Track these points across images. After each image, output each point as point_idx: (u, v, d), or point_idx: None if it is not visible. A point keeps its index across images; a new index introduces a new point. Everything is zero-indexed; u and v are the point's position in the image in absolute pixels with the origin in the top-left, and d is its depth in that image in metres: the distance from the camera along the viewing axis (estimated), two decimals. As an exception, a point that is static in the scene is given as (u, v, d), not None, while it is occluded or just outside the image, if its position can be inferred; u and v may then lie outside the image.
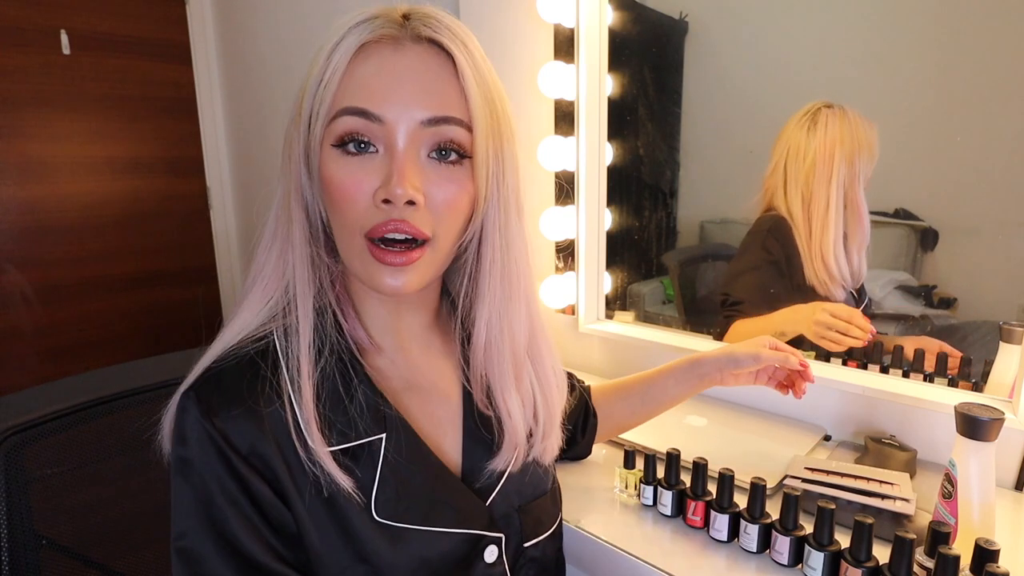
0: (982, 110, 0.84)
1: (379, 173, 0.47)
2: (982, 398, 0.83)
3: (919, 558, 0.58)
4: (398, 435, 0.52)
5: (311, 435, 0.48)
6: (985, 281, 0.87)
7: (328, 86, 0.47)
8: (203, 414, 0.47)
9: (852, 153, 0.95)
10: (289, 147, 0.52)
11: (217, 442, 0.47)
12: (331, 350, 0.52)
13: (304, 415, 0.48)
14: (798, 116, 0.99)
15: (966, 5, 0.85)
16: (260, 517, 0.48)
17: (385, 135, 0.47)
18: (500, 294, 0.55)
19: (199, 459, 0.47)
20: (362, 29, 0.48)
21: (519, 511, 0.58)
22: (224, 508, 0.47)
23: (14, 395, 0.74)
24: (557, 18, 1.16)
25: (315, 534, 0.49)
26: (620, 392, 0.83)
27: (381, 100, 0.47)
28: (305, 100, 0.49)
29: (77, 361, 2.12)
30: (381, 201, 0.47)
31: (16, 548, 0.67)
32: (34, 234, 1.99)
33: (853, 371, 0.95)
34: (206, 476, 0.47)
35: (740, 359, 0.77)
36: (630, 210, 1.24)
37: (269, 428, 0.48)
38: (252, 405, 0.48)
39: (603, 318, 1.28)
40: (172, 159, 2.27)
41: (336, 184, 0.48)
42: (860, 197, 0.95)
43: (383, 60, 0.48)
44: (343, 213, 0.48)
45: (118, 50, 2.09)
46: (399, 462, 0.52)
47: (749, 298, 1.08)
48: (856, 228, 0.97)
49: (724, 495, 0.69)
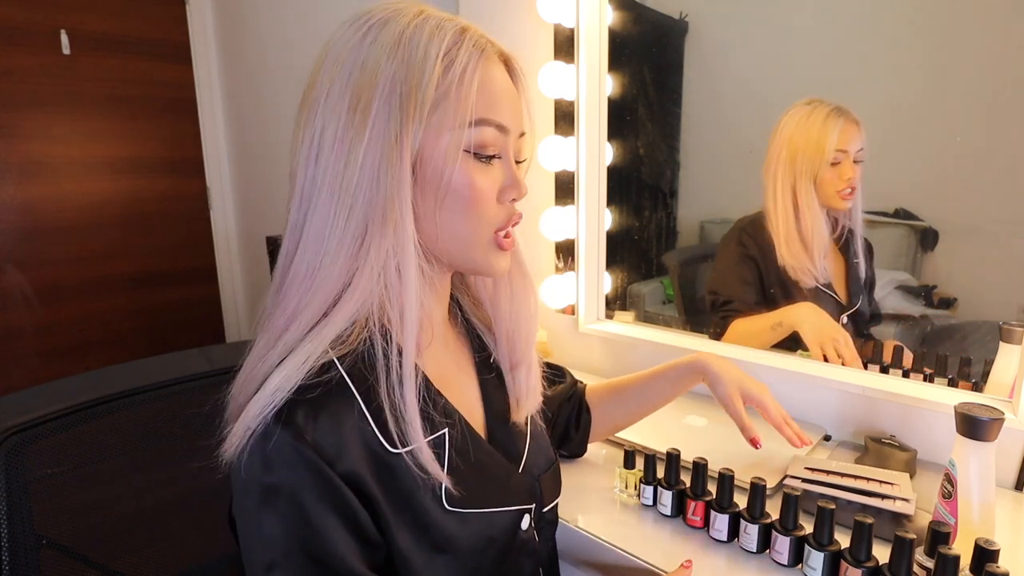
0: (982, 110, 0.84)
1: (501, 177, 0.54)
2: (982, 398, 0.83)
3: (919, 558, 0.58)
4: (457, 426, 0.55)
5: (414, 434, 0.49)
6: (985, 281, 0.87)
7: (465, 93, 0.49)
8: (294, 436, 0.45)
9: (795, 150, 0.97)
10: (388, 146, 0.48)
11: (312, 460, 0.45)
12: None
13: (409, 415, 0.49)
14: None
15: (966, 5, 0.85)
16: (355, 535, 0.47)
17: (504, 144, 0.54)
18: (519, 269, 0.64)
19: (291, 483, 0.45)
20: (470, 39, 0.51)
21: (539, 480, 0.63)
22: (320, 529, 0.46)
23: (14, 395, 0.74)
24: (557, 18, 1.16)
25: (400, 537, 0.50)
26: (615, 392, 0.84)
27: (506, 113, 0.53)
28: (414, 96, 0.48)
29: (77, 361, 2.12)
30: (510, 200, 0.54)
31: (16, 548, 0.67)
32: (34, 234, 1.99)
33: (853, 371, 0.95)
34: (300, 500, 0.45)
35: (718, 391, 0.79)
36: (630, 210, 1.24)
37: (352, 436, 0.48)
38: (337, 415, 0.47)
39: (603, 318, 1.28)
40: (172, 159, 2.27)
41: (477, 187, 0.52)
42: (801, 196, 0.98)
43: (498, 73, 0.53)
44: (479, 212, 0.53)
45: (118, 50, 2.09)
46: (460, 450, 0.54)
47: (736, 295, 1.08)
48: (801, 223, 0.99)
49: (724, 495, 0.69)
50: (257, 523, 0.46)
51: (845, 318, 1.00)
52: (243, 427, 0.46)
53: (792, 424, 0.80)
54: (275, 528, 0.46)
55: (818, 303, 1.00)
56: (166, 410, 0.80)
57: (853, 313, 1.00)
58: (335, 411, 0.47)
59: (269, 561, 0.46)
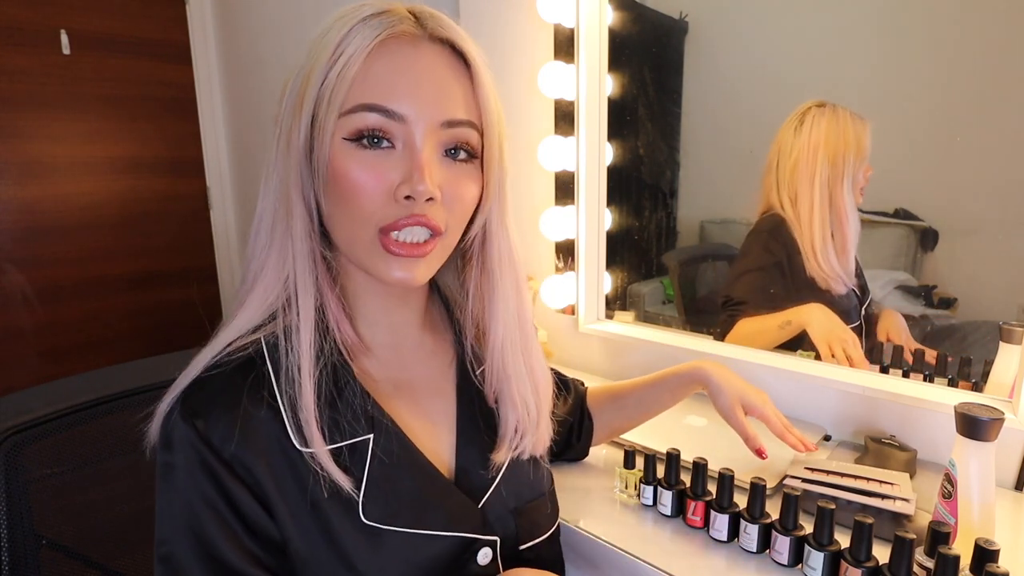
0: (982, 110, 0.84)
1: (398, 169, 0.48)
2: (982, 398, 0.83)
3: (919, 558, 0.58)
4: (387, 436, 0.52)
5: (311, 434, 0.47)
6: (985, 281, 0.87)
7: (343, 78, 0.47)
8: (186, 418, 0.47)
9: (836, 152, 0.95)
10: (287, 137, 0.50)
11: (199, 447, 0.46)
12: (329, 349, 0.51)
13: (304, 415, 0.48)
14: (791, 116, 1.00)
15: (965, 5, 0.85)
16: (240, 524, 0.47)
17: (404, 133, 0.48)
18: (511, 285, 0.57)
19: (181, 464, 0.47)
20: (378, 23, 0.47)
21: (515, 513, 0.57)
22: (204, 514, 0.46)
23: (14, 395, 0.74)
24: (557, 18, 1.16)
25: (300, 541, 0.48)
26: (614, 399, 0.84)
27: (404, 99, 0.47)
28: (309, 89, 0.48)
29: (77, 361, 2.12)
30: (403, 197, 0.47)
31: (16, 548, 0.67)
32: (34, 234, 1.99)
33: (853, 371, 0.95)
34: (188, 482, 0.46)
35: (720, 403, 0.78)
36: (630, 210, 1.24)
37: (254, 429, 0.48)
38: (238, 409, 0.47)
39: (603, 318, 1.28)
40: (172, 159, 2.27)
41: (351, 178, 0.47)
42: (844, 198, 0.96)
43: (403, 57, 0.48)
44: (356, 206, 0.48)
45: (118, 50, 2.09)
46: (387, 464, 0.51)
47: (751, 299, 1.08)
48: (839, 228, 0.97)
49: (724, 495, 0.69)
50: (158, 496, 0.48)
51: (863, 310, 0.99)
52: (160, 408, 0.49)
53: (794, 431, 0.80)
54: (167, 504, 0.47)
55: (843, 304, 0.99)
56: (166, 410, 0.80)
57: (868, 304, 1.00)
58: (236, 396, 0.48)
59: (161, 537, 0.47)
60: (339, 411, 0.50)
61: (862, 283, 0.99)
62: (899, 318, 0.94)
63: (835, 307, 0.99)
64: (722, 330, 1.11)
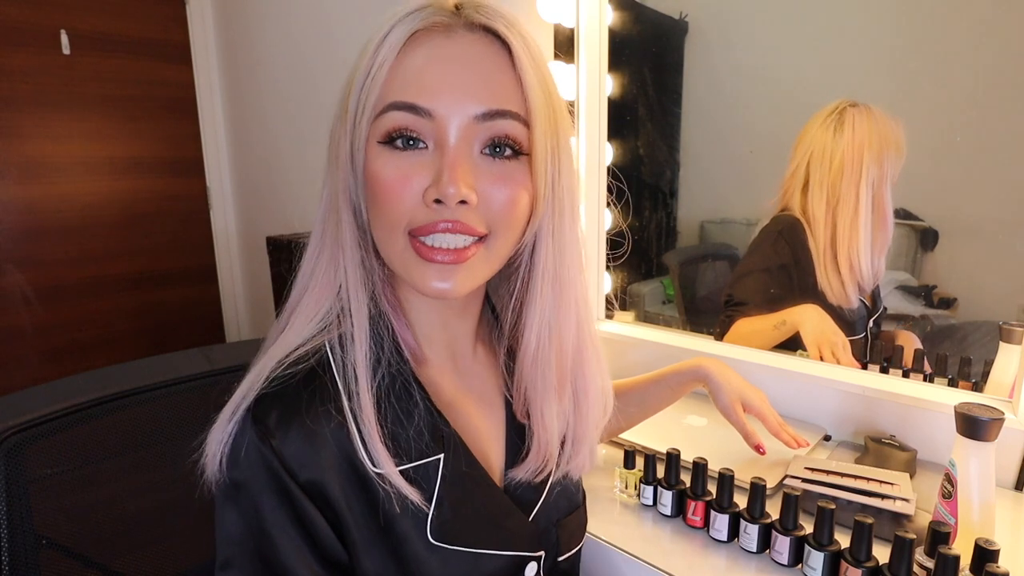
0: (982, 110, 0.84)
1: (429, 170, 0.44)
2: (982, 398, 0.83)
3: (919, 558, 0.58)
4: (456, 454, 0.50)
5: (376, 452, 0.45)
6: (985, 281, 0.87)
7: (375, 79, 0.44)
8: (260, 436, 0.44)
9: (881, 153, 0.92)
10: (336, 147, 0.48)
11: (273, 466, 0.44)
12: (389, 362, 0.48)
13: (367, 429, 0.45)
14: (822, 116, 0.96)
15: (965, 5, 0.85)
16: (311, 549, 0.45)
17: (435, 131, 0.44)
18: (551, 302, 0.51)
19: (253, 484, 0.44)
20: (412, 19, 0.45)
21: (556, 526, 0.57)
22: (273, 536, 0.44)
23: (14, 395, 0.74)
24: (557, 18, 1.16)
25: (370, 562, 0.47)
26: (616, 396, 0.82)
27: (431, 93, 0.43)
28: (352, 96, 0.46)
29: (77, 361, 2.12)
30: (432, 201, 0.43)
31: (16, 548, 0.67)
32: (34, 234, 1.99)
33: (853, 371, 0.95)
34: (260, 503, 0.44)
35: (720, 401, 0.79)
36: (630, 210, 1.24)
37: (329, 448, 0.45)
38: (311, 424, 0.45)
39: (603, 318, 1.28)
40: (172, 159, 2.27)
41: (381, 180, 0.44)
42: (887, 198, 0.93)
43: (433, 48, 0.44)
44: (387, 210, 0.45)
45: (118, 50, 2.09)
46: (455, 483, 0.50)
47: (752, 299, 1.08)
48: (881, 229, 0.94)
49: (724, 495, 0.69)
50: (221, 518, 0.46)
51: (871, 323, 0.98)
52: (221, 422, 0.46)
53: (788, 429, 0.82)
54: (234, 526, 0.45)
55: (850, 315, 0.97)
56: (166, 410, 0.80)
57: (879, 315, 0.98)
58: (307, 410, 0.45)
59: (225, 558, 0.45)
60: (411, 427, 0.48)
61: (875, 294, 0.98)
62: (915, 341, 0.93)
63: (840, 316, 0.98)
64: (721, 330, 1.11)
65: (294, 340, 0.48)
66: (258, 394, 0.45)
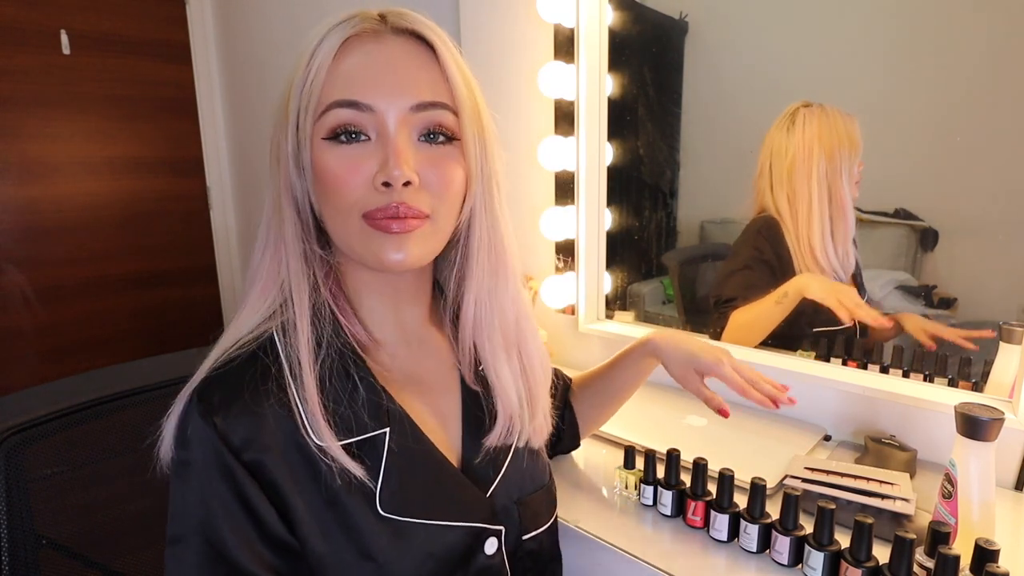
0: (982, 110, 0.84)
1: (374, 159, 0.49)
2: (982, 398, 0.83)
3: (919, 558, 0.58)
4: (401, 429, 0.53)
5: (318, 428, 0.48)
6: (985, 281, 0.87)
7: (315, 82, 0.49)
8: (204, 415, 0.47)
9: (831, 148, 0.97)
10: (276, 149, 0.53)
11: (216, 445, 0.47)
12: (329, 344, 0.52)
13: (309, 408, 0.48)
14: (779, 118, 1.01)
15: (965, 5, 0.85)
16: (253, 526, 0.47)
17: (376, 123, 0.49)
18: (488, 269, 0.57)
19: (198, 462, 0.47)
20: (343, 27, 0.50)
21: (518, 504, 0.59)
22: (218, 514, 0.47)
23: (14, 395, 0.74)
24: (557, 18, 1.16)
25: (318, 535, 0.49)
26: (584, 386, 0.83)
27: (369, 90, 0.49)
28: (291, 100, 0.50)
29: (77, 361, 2.12)
30: (381, 184, 0.48)
31: (16, 548, 0.67)
32: (34, 234, 1.99)
33: (853, 371, 0.95)
34: (203, 480, 0.47)
35: (671, 372, 0.76)
36: (630, 210, 1.24)
37: (271, 427, 0.48)
38: (253, 405, 0.48)
39: (603, 318, 1.28)
40: (172, 159, 2.27)
41: (331, 172, 0.49)
42: (843, 190, 0.97)
43: (367, 52, 0.50)
44: (340, 198, 0.49)
45: (118, 50, 2.09)
46: (402, 456, 0.52)
47: (741, 294, 1.08)
48: (839, 220, 0.98)
49: (724, 495, 0.69)
50: (171, 495, 0.48)
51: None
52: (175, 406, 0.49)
53: (760, 385, 0.73)
54: (181, 502, 0.48)
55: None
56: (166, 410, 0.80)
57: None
58: (249, 391, 0.48)
59: (174, 533, 0.48)
60: (353, 405, 0.51)
61: (859, 283, 0.99)
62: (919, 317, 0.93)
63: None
64: (718, 329, 1.11)
65: (242, 329, 0.52)
66: (203, 377, 0.49)
